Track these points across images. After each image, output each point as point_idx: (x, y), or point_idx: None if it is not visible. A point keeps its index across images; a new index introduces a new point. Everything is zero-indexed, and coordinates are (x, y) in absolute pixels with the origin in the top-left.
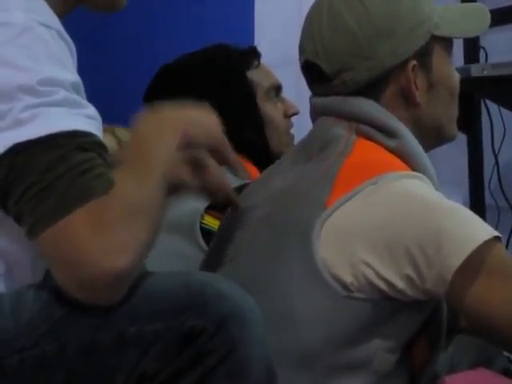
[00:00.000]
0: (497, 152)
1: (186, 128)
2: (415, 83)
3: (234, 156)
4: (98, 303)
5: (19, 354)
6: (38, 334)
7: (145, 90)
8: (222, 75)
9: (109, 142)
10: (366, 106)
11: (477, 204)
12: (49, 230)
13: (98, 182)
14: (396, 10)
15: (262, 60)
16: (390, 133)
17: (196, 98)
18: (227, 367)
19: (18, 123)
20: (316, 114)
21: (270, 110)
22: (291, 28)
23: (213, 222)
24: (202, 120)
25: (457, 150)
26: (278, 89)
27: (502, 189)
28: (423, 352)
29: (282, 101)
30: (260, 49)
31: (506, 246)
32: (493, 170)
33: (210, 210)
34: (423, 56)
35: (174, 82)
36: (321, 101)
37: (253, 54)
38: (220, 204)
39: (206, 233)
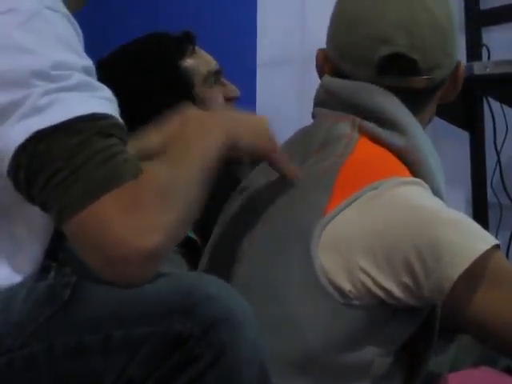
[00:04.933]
0: (499, 150)
1: (233, 130)
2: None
3: (281, 163)
4: (130, 283)
5: (7, 355)
6: (26, 335)
7: None
8: (154, 67)
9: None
10: (380, 96)
11: (479, 202)
12: (78, 215)
13: (127, 168)
14: (453, 15)
15: (265, 58)
16: (399, 129)
17: (127, 92)
18: (217, 372)
19: (37, 110)
20: (327, 96)
21: (209, 95)
22: (294, 27)
23: None
24: (251, 126)
25: (459, 148)
26: (216, 73)
27: (504, 187)
28: (420, 353)
29: (223, 85)
30: (263, 48)
31: (509, 244)
32: (495, 167)
33: None
34: None
35: (108, 78)
36: (340, 84)
37: (187, 41)
38: None
39: None
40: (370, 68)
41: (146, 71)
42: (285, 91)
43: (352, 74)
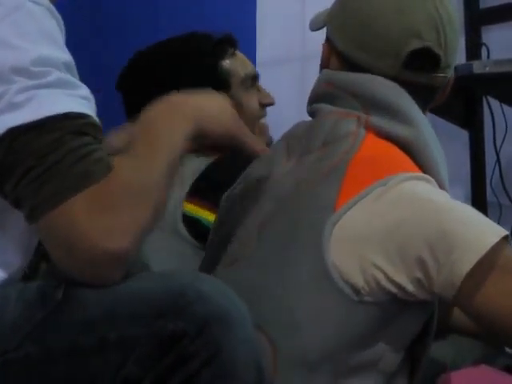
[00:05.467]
0: (498, 149)
1: (199, 119)
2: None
3: (250, 145)
4: (98, 284)
5: (3, 356)
6: (21, 336)
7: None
8: (194, 65)
9: None
10: (391, 89)
11: (478, 201)
12: (48, 215)
13: (98, 167)
14: None
15: (264, 58)
16: (407, 121)
17: (168, 87)
18: (212, 371)
19: (13, 107)
20: (330, 89)
21: (245, 98)
22: (293, 25)
23: (194, 209)
24: (216, 112)
25: (459, 147)
26: (253, 78)
27: (503, 186)
28: (419, 349)
29: (258, 89)
30: (262, 47)
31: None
32: (494, 166)
33: (190, 197)
34: None
35: (146, 71)
36: (349, 76)
37: (228, 43)
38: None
39: (191, 221)
40: (394, 60)
41: (186, 68)
42: (285, 91)
43: (370, 65)
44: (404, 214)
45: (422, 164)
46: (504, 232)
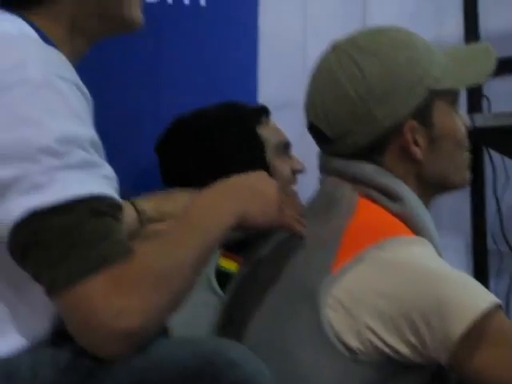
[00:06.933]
0: (499, 198)
1: (242, 213)
2: (415, 141)
3: (293, 230)
4: (108, 359)
5: None
6: None
7: (157, 140)
8: (234, 130)
9: (130, 215)
10: (369, 169)
11: (479, 249)
12: (64, 294)
13: (117, 249)
14: (392, 72)
15: (266, 102)
16: (393, 196)
17: (208, 152)
18: None
19: (36, 188)
20: (322, 172)
21: (279, 164)
22: (295, 71)
23: (228, 264)
24: (261, 203)
25: (460, 196)
26: (286, 145)
27: (503, 234)
28: None
29: (290, 157)
30: (264, 92)
31: (508, 292)
32: (495, 215)
33: (226, 251)
34: (422, 113)
35: (186, 136)
36: (326, 161)
37: (262, 112)
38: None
39: (223, 275)
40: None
41: (226, 133)
42: (286, 135)
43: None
44: (399, 281)
45: (415, 230)
46: (497, 300)
